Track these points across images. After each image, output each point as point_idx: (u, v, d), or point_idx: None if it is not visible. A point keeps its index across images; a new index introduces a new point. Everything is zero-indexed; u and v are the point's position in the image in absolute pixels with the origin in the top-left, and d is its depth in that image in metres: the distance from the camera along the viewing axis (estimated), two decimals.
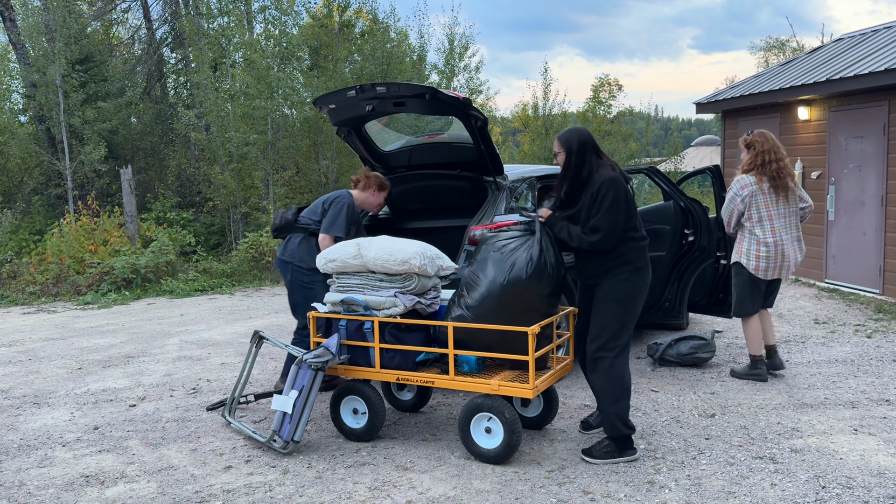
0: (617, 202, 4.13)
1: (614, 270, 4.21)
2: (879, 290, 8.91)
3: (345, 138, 6.17)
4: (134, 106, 18.43)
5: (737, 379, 5.76)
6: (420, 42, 18.50)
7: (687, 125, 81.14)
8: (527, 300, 4.22)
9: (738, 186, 5.66)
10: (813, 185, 10.13)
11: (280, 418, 4.45)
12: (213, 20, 15.76)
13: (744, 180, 5.65)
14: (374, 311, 4.54)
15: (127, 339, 7.75)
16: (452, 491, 3.90)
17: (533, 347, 4.08)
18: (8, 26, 16.91)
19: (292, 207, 5.62)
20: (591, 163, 4.24)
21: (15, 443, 4.78)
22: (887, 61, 8.65)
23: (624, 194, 4.17)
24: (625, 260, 4.21)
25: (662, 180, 6.60)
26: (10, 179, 17.69)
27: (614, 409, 4.20)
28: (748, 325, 5.77)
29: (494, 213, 5.57)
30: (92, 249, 11.67)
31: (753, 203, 5.62)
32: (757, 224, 5.61)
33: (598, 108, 21.32)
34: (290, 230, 5.49)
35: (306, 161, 16.09)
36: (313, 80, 15.55)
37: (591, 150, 4.27)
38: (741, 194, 5.63)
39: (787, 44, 30.23)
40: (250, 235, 12.60)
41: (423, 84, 8.55)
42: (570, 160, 4.27)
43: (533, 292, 4.21)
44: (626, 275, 4.21)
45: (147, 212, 15.68)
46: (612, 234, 4.15)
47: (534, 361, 4.11)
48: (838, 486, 3.86)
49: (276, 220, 5.60)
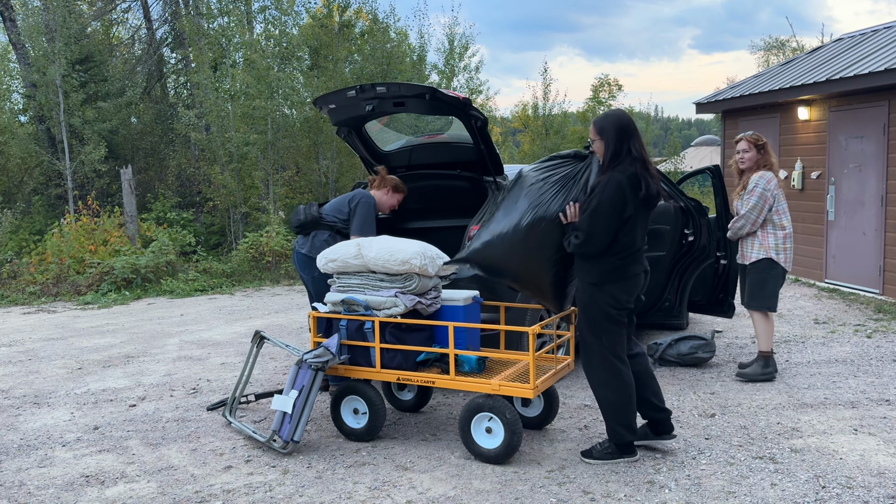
0: (603, 206, 3.88)
1: (581, 273, 4.08)
2: (879, 290, 8.91)
3: (345, 138, 6.17)
4: (134, 106, 18.41)
5: (749, 381, 5.68)
6: (420, 42, 18.51)
7: (687, 125, 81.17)
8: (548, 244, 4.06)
9: (764, 182, 5.61)
10: (813, 185, 10.13)
11: (280, 418, 4.45)
12: (213, 20, 15.75)
13: (767, 175, 5.65)
14: (375, 311, 4.55)
15: (127, 339, 7.75)
16: (452, 491, 3.90)
17: (533, 347, 4.08)
18: (8, 26, 16.90)
19: (313, 204, 5.66)
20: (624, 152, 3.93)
21: (15, 443, 4.78)
22: (887, 61, 8.65)
23: (620, 200, 3.89)
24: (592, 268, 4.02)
25: (662, 180, 6.60)
26: (10, 179, 17.68)
27: (615, 418, 4.12)
28: (769, 321, 5.76)
29: None
30: (92, 249, 11.67)
31: (780, 196, 5.69)
32: (784, 215, 5.69)
33: (598, 108, 21.32)
34: (317, 226, 5.54)
35: (306, 161, 16.08)
36: (313, 80, 15.54)
37: (628, 137, 3.94)
38: (770, 188, 5.61)
39: (787, 44, 30.24)
40: (250, 235, 12.60)
41: (423, 84, 8.55)
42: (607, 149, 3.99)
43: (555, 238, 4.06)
44: (587, 285, 4.05)
45: (147, 212, 15.67)
46: (594, 240, 3.90)
47: (534, 361, 4.11)
48: (838, 486, 3.86)
49: (299, 216, 5.61)
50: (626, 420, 4.12)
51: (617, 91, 21.58)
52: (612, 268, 3.99)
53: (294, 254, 5.67)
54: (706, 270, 6.68)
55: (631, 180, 3.93)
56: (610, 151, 4.00)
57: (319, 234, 5.52)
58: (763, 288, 5.71)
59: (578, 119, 22.04)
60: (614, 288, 4.00)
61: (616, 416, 4.12)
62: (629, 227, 3.97)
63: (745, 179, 5.78)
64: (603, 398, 4.14)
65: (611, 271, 4.00)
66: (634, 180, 3.93)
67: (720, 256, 6.58)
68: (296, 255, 5.63)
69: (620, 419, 4.12)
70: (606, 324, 4.04)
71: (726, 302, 6.71)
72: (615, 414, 4.12)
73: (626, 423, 4.12)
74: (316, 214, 5.55)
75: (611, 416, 4.13)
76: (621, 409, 4.11)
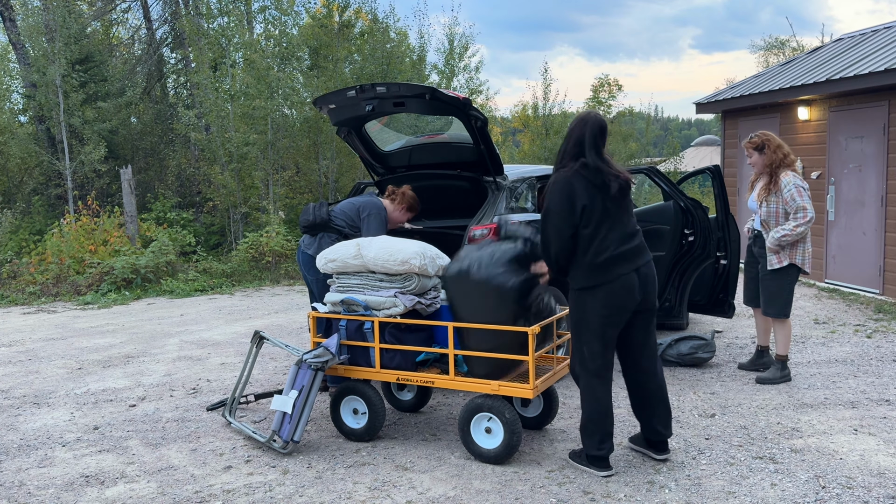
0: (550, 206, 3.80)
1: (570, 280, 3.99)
2: (879, 290, 8.91)
3: (345, 138, 6.17)
4: (134, 106, 18.41)
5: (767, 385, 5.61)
6: (420, 42, 18.50)
7: (687, 125, 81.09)
8: None
9: (798, 180, 5.44)
10: (813, 185, 10.12)
11: (280, 418, 4.45)
12: (213, 20, 15.75)
13: (796, 172, 5.50)
14: (374, 311, 4.54)
15: (127, 339, 7.75)
16: (452, 491, 3.90)
17: (533, 347, 4.08)
18: (8, 26, 16.91)
19: (323, 203, 5.58)
20: (570, 151, 3.89)
21: (15, 443, 4.78)
22: (887, 61, 8.65)
23: (565, 196, 3.79)
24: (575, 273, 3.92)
25: (662, 180, 6.60)
26: (10, 179, 17.68)
27: (583, 429, 4.03)
28: (787, 326, 5.68)
29: (494, 213, 5.58)
30: (92, 249, 11.67)
31: None
32: None
33: (597, 108, 21.30)
34: (326, 228, 5.47)
35: (306, 161, 16.08)
36: (313, 80, 15.54)
37: (572, 136, 3.91)
38: (805, 185, 5.45)
39: (787, 44, 30.22)
40: (250, 235, 12.59)
41: (423, 84, 8.55)
42: None
43: None
44: (573, 291, 3.96)
45: (147, 212, 15.67)
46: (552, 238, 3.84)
47: (534, 362, 4.11)
48: (838, 486, 3.86)
49: (308, 215, 5.52)
50: (591, 434, 3.99)
51: (617, 91, 21.55)
52: (591, 271, 3.87)
53: (299, 253, 5.62)
54: (706, 270, 6.68)
55: (576, 176, 3.84)
56: (559, 154, 4.00)
57: (327, 237, 5.45)
58: (783, 294, 5.60)
59: None
60: (600, 292, 3.87)
61: (584, 427, 4.03)
62: (591, 221, 3.84)
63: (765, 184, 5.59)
64: (582, 403, 4.07)
65: (591, 275, 3.87)
66: (580, 174, 3.84)
67: (720, 256, 6.58)
68: (301, 255, 5.59)
69: (587, 431, 4.02)
70: (588, 335, 3.93)
71: (726, 302, 6.71)
72: (584, 425, 4.03)
73: (592, 439, 3.99)
74: (325, 217, 5.47)
75: (582, 426, 4.05)
76: (588, 424, 4.00)
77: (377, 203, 5.53)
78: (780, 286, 5.60)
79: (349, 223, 5.47)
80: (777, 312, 5.64)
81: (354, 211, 5.50)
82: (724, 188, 6.58)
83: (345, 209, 5.55)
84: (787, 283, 5.60)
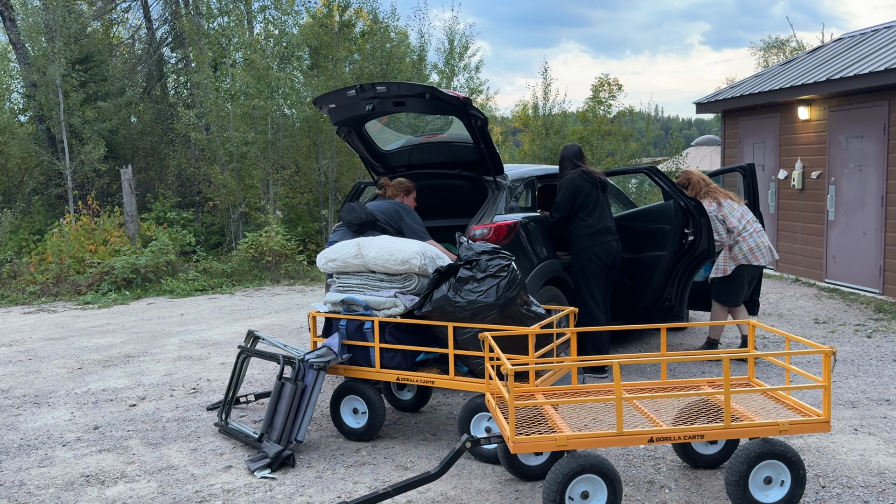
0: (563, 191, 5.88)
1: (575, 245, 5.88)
2: (879, 290, 8.91)
3: (345, 138, 6.17)
4: (134, 106, 18.43)
5: None
6: (420, 42, 18.52)
7: (687, 125, 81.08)
8: None
9: (712, 208, 6.45)
10: (813, 184, 10.13)
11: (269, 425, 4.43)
12: (213, 20, 15.77)
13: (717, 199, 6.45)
14: (375, 311, 4.54)
15: (127, 339, 7.75)
16: (452, 491, 3.90)
17: (533, 347, 4.08)
18: (8, 26, 16.92)
19: (360, 203, 5.51)
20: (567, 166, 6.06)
21: (15, 442, 4.78)
22: (887, 61, 8.65)
23: (574, 187, 5.84)
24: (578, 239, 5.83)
25: (662, 180, 6.59)
26: (10, 179, 17.69)
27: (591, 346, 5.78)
28: (727, 315, 6.51)
29: (494, 212, 5.57)
30: (92, 249, 11.67)
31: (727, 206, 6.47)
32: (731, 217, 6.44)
33: (597, 108, 21.28)
34: (372, 227, 5.35)
35: (306, 161, 16.09)
36: (313, 80, 15.56)
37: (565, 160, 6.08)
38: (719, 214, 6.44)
39: (786, 43, 30.23)
40: (250, 235, 12.59)
41: (423, 84, 8.55)
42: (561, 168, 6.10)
43: None
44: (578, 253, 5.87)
45: (147, 212, 15.68)
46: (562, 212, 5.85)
47: (534, 362, 4.11)
48: (838, 486, 3.85)
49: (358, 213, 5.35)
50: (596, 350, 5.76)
51: (617, 91, 21.52)
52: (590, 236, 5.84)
53: None
54: (706, 270, 6.67)
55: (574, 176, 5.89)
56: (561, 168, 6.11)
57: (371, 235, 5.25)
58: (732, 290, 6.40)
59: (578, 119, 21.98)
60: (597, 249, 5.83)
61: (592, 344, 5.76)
62: (588, 204, 5.86)
63: None
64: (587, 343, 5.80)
65: (590, 238, 5.84)
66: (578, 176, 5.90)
67: None
68: None
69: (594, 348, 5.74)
70: (590, 277, 5.85)
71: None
72: (592, 343, 5.76)
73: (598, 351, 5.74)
74: (371, 216, 5.35)
75: (589, 346, 5.78)
76: (593, 345, 5.72)
77: (401, 204, 5.46)
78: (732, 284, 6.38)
79: (391, 223, 5.37)
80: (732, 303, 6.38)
81: (395, 210, 5.39)
82: (755, 187, 6.85)
83: (385, 209, 5.42)
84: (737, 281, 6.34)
